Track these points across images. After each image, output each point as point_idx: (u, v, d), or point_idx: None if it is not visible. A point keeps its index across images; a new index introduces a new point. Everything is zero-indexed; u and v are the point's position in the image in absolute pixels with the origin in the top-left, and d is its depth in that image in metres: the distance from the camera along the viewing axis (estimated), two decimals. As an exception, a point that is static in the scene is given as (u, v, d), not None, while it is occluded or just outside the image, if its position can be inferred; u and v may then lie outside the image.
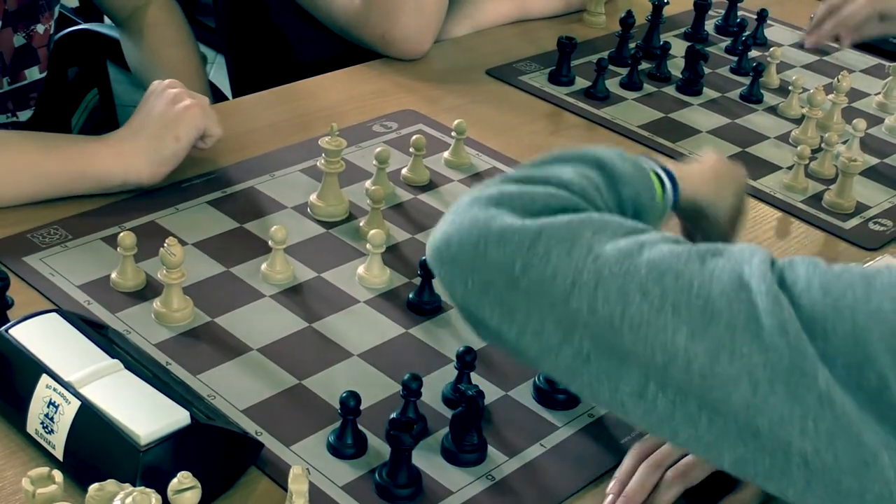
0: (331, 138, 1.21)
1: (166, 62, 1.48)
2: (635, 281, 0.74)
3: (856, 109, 1.62)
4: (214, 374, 1.00)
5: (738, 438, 0.71)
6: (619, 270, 0.75)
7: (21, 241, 1.14)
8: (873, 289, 0.71)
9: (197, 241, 1.17)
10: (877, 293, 0.70)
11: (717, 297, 0.72)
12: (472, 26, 1.76)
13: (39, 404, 0.87)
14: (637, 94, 1.60)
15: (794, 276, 0.73)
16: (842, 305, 0.70)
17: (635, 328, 0.73)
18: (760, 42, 1.81)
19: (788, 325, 0.70)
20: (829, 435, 0.69)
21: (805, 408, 0.69)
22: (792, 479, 0.71)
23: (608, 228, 0.78)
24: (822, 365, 0.69)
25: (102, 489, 0.73)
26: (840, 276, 0.73)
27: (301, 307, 1.09)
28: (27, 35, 1.42)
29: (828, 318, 0.70)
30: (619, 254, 0.76)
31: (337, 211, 1.23)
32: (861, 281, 0.72)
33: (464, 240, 0.80)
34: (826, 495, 0.70)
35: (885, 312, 0.69)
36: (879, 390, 0.68)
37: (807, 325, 0.70)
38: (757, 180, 1.41)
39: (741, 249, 0.76)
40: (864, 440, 0.68)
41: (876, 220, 1.36)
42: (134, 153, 1.20)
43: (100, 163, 1.19)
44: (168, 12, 1.53)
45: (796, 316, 0.71)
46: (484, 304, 0.79)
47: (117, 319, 1.05)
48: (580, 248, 0.77)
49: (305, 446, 0.93)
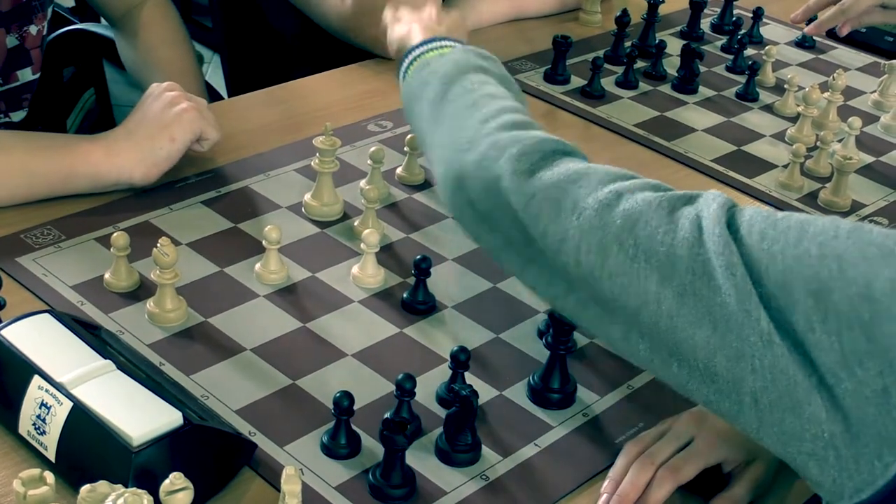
0: (325, 138, 1.21)
1: (161, 61, 1.48)
2: (612, 233, 0.80)
3: (851, 107, 1.62)
4: (208, 374, 0.99)
5: (702, 381, 0.76)
6: (598, 223, 0.81)
7: (14, 241, 1.13)
8: (805, 234, 0.73)
9: (191, 241, 1.16)
10: (807, 238, 0.73)
11: (679, 242, 0.77)
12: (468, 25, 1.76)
13: (31, 405, 0.86)
14: (633, 93, 1.60)
15: (740, 221, 0.77)
16: (775, 250, 0.74)
17: (614, 277, 0.79)
18: (756, 40, 1.80)
19: (735, 267, 0.74)
20: (771, 374, 0.72)
21: (752, 347, 0.73)
22: (748, 418, 0.75)
23: (594, 176, 0.84)
24: (762, 307, 0.72)
25: (94, 490, 0.73)
26: (778, 222, 0.76)
27: (295, 307, 1.09)
28: (20, 36, 1.42)
29: (761, 262, 0.74)
30: (598, 206, 0.81)
31: (331, 211, 1.23)
32: (796, 227, 0.75)
33: (476, 180, 0.90)
34: (774, 434, 0.74)
35: (811, 257, 0.72)
36: (804, 333, 0.71)
37: (749, 269, 0.74)
38: (752, 178, 1.41)
39: (708, 196, 0.80)
40: (798, 381, 0.71)
41: (871, 218, 1.36)
42: (127, 153, 1.20)
43: (92, 162, 1.19)
44: (163, 11, 1.53)
45: (741, 260, 0.74)
46: (489, 230, 0.90)
47: (110, 320, 1.04)
48: (564, 205, 0.83)
49: (299, 447, 0.93)
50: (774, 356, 0.72)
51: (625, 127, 1.51)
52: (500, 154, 0.89)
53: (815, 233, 0.73)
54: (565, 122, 1.52)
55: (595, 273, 0.80)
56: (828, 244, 0.72)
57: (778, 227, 0.75)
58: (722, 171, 1.42)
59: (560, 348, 1.00)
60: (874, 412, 0.68)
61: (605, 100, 1.57)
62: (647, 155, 1.45)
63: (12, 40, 1.42)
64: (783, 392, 0.72)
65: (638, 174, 0.86)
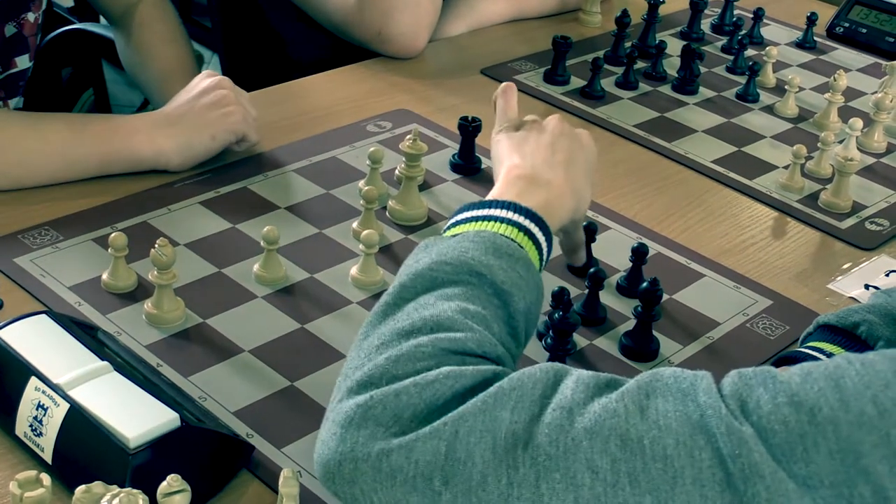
0: (412, 143, 1.22)
1: (159, 60, 1.48)
2: (579, 459, 0.66)
3: (852, 108, 1.62)
4: (205, 375, 0.99)
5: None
6: (557, 452, 0.66)
7: (12, 241, 1.13)
8: (846, 392, 0.65)
9: (189, 242, 1.16)
10: (853, 397, 0.65)
11: (674, 452, 0.65)
12: (468, 26, 1.76)
13: (28, 407, 0.86)
14: (632, 94, 1.60)
15: (756, 398, 0.66)
16: (820, 419, 0.64)
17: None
18: (756, 41, 1.80)
19: (762, 466, 0.64)
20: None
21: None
22: None
23: (525, 397, 0.69)
24: (808, 496, 0.63)
25: (89, 491, 0.72)
26: (804, 385, 0.66)
27: (293, 308, 1.09)
28: (18, 24, 1.42)
29: (807, 436, 0.64)
30: (550, 432, 0.67)
31: (417, 215, 1.24)
32: (829, 386, 0.65)
33: (359, 461, 0.70)
34: None
35: (870, 418, 0.64)
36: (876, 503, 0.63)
37: (784, 451, 0.64)
38: (753, 180, 1.41)
39: (675, 380, 0.69)
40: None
41: (872, 219, 1.35)
42: (167, 140, 1.24)
43: (134, 145, 1.23)
44: (161, 10, 1.52)
45: (767, 449, 0.64)
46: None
47: (108, 321, 1.04)
48: (504, 439, 0.67)
49: (297, 449, 0.92)
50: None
51: (625, 128, 1.50)
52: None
53: (859, 387, 0.65)
54: (565, 123, 1.51)
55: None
56: (882, 398, 0.64)
57: (808, 391, 0.65)
58: (722, 172, 1.42)
59: (560, 350, 1.00)
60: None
61: (605, 100, 1.57)
62: (647, 156, 1.45)
63: (11, 28, 1.42)
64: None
65: (562, 367, 0.73)
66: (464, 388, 0.71)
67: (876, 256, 1.28)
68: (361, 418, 0.71)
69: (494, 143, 1.07)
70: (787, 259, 1.26)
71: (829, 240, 1.31)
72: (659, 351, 1.07)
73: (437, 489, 0.67)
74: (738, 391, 0.67)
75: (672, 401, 0.67)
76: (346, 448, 0.70)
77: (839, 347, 0.95)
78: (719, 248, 1.26)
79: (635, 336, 1.07)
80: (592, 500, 0.65)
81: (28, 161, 1.19)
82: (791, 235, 1.31)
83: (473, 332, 0.77)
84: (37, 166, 1.20)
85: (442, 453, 0.68)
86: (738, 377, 0.69)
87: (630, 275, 1.16)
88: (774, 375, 0.68)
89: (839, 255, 1.28)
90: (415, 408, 0.70)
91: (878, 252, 1.29)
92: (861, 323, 0.95)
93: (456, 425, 0.68)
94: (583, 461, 0.66)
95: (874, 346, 0.94)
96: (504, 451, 0.67)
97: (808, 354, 0.95)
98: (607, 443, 0.66)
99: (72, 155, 1.21)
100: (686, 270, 1.21)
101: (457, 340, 0.75)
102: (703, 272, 1.21)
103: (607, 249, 1.21)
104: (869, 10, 1.86)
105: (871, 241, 1.31)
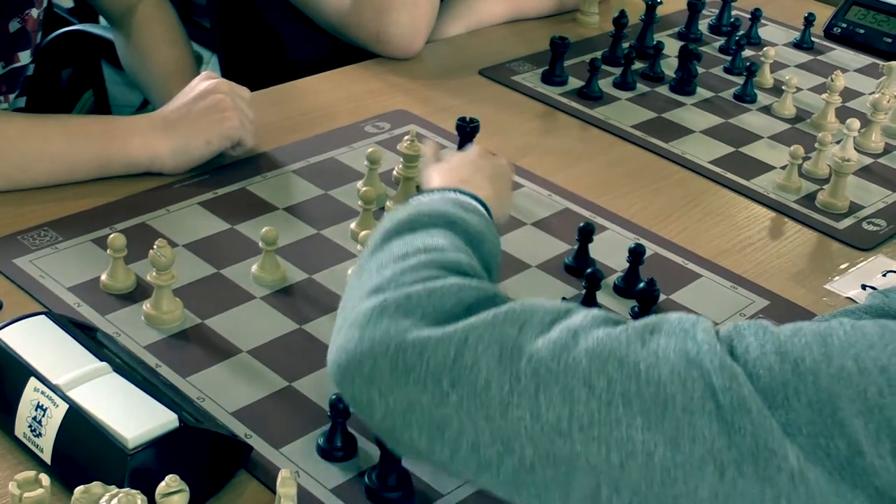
0: (410, 143, 1.23)
1: (158, 61, 1.48)
2: (577, 376, 0.69)
3: (850, 109, 1.62)
4: (204, 376, 0.99)
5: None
6: (557, 367, 0.70)
7: (11, 242, 1.13)
8: (831, 348, 0.67)
9: (187, 243, 1.16)
10: (837, 353, 0.67)
11: (667, 379, 0.68)
12: (466, 26, 1.76)
13: (27, 407, 0.86)
14: (630, 94, 1.60)
15: (745, 344, 0.69)
16: (802, 370, 0.67)
17: (586, 428, 0.68)
18: (754, 41, 1.80)
19: (749, 401, 0.66)
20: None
21: (777, 488, 0.65)
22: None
23: (534, 318, 0.73)
24: (788, 439, 0.65)
25: (88, 491, 0.72)
26: (792, 337, 0.69)
27: (292, 309, 1.09)
28: (22, 19, 1.43)
29: (788, 384, 0.67)
30: (553, 348, 0.71)
31: None
32: (816, 340, 0.68)
33: (378, 357, 0.73)
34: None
35: (850, 373, 0.66)
36: (850, 457, 0.65)
37: (767, 396, 0.67)
38: (750, 180, 1.41)
39: (679, 321, 0.72)
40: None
41: (869, 219, 1.35)
42: (163, 143, 1.24)
43: (130, 148, 1.23)
44: (160, 11, 1.53)
45: (754, 389, 0.67)
46: (410, 424, 0.72)
47: (107, 322, 1.04)
48: (510, 350, 0.71)
49: (295, 449, 0.93)
50: (809, 491, 0.65)
51: (622, 128, 1.51)
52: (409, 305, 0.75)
53: (844, 345, 0.67)
54: (563, 124, 1.52)
55: (561, 425, 0.68)
56: (865, 357, 0.66)
57: (795, 343, 0.68)
58: (720, 172, 1.42)
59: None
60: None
61: (603, 101, 1.57)
62: (645, 156, 1.45)
63: (15, 24, 1.42)
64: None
65: (575, 304, 0.78)
66: (470, 298, 0.76)
67: (873, 257, 1.28)
68: (378, 316, 0.75)
69: (426, 178, 1.06)
70: (784, 259, 1.26)
71: (826, 240, 1.31)
72: (656, 351, 1.08)
73: (445, 390, 0.71)
74: (731, 336, 0.71)
75: (673, 338, 0.70)
76: (364, 346, 0.74)
77: None
78: (716, 249, 1.26)
79: (632, 336, 1.08)
80: (587, 414, 0.68)
81: (27, 163, 1.20)
82: (788, 236, 1.31)
83: (466, 257, 0.82)
84: (36, 168, 1.20)
85: (451, 357, 0.71)
86: (733, 327, 0.72)
87: (627, 275, 1.16)
88: (766, 326, 0.71)
89: (836, 256, 1.28)
90: (423, 309, 0.75)
91: (875, 252, 1.29)
92: None
93: (466, 332, 0.72)
94: (581, 378, 0.69)
95: None
96: (509, 361, 0.71)
97: None
98: (605, 364, 0.69)
99: (70, 157, 1.21)
100: (683, 271, 1.21)
101: (453, 261, 0.80)
102: (700, 272, 1.21)
103: (604, 250, 1.21)
104: (866, 11, 1.86)
105: (868, 242, 1.31)
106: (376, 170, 1.26)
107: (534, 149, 1.43)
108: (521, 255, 1.20)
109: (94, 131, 1.24)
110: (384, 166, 1.29)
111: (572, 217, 1.28)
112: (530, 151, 1.42)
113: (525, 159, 1.40)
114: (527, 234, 1.25)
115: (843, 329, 0.69)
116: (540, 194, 1.33)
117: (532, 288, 1.15)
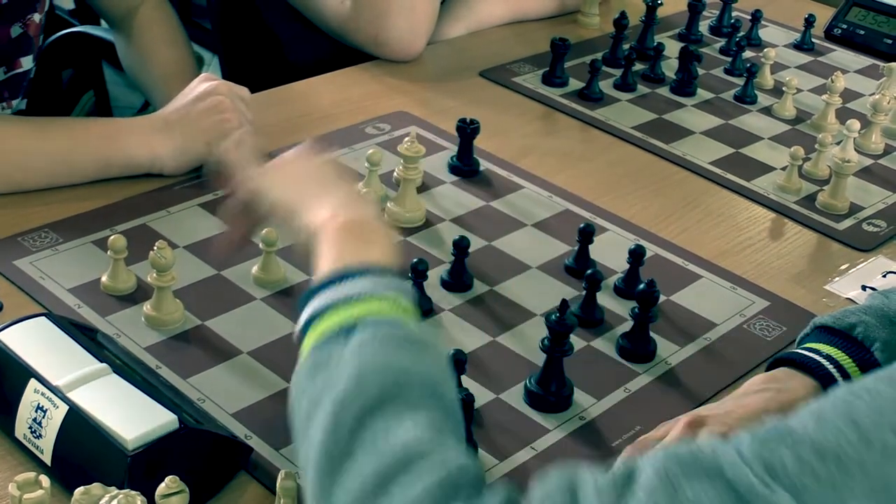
0: (409, 144, 1.22)
1: (159, 62, 1.48)
2: None
3: (850, 110, 1.62)
4: (204, 377, 0.99)
5: None
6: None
7: (11, 244, 1.13)
8: (863, 427, 0.62)
9: (188, 244, 1.16)
10: (871, 432, 0.62)
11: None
12: (466, 28, 1.76)
13: (27, 409, 0.86)
14: (631, 96, 1.60)
15: (780, 459, 0.63)
16: (847, 463, 0.62)
17: None
18: (754, 43, 1.80)
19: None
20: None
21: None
22: None
23: None
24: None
25: (88, 492, 0.73)
26: (821, 430, 0.63)
27: (292, 310, 1.09)
28: (24, 24, 1.43)
29: (838, 485, 0.61)
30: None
31: (414, 217, 1.24)
32: (846, 425, 0.63)
33: None
34: None
35: (894, 448, 0.62)
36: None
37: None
38: (750, 181, 1.41)
39: (694, 456, 0.64)
40: None
41: (869, 220, 1.35)
42: (162, 144, 1.25)
43: (130, 149, 1.24)
44: (161, 12, 1.53)
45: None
46: None
47: (107, 323, 1.04)
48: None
49: (295, 450, 0.93)
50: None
51: (623, 129, 1.51)
52: None
53: (874, 418, 0.62)
54: (563, 125, 1.52)
55: None
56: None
57: (826, 436, 0.62)
58: (720, 173, 1.42)
59: (557, 351, 1.00)
60: None
61: (603, 102, 1.57)
62: (645, 157, 1.45)
63: (17, 29, 1.42)
64: None
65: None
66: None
67: (873, 258, 1.28)
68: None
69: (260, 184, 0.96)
70: (784, 260, 1.26)
71: (826, 241, 1.31)
72: (656, 352, 1.08)
73: None
74: (761, 454, 0.64)
75: (699, 483, 0.63)
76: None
77: (835, 349, 0.95)
78: (717, 250, 1.26)
79: (632, 337, 1.08)
80: None
81: (28, 164, 1.20)
82: (788, 237, 1.31)
83: (445, 450, 0.70)
84: (36, 170, 1.20)
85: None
86: (753, 440, 0.65)
87: (627, 276, 1.16)
88: (789, 427, 0.65)
89: (836, 257, 1.28)
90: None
91: (875, 253, 1.29)
92: (857, 324, 0.95)
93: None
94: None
95: (870, 347, 0.94)
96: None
97: (804, 356, 0.95)
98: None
99: (70, 158, 1.21)
100: (683, 272, 1.21)
101: (437, 468, 0.69)
102: (700, 273, 1.21)
103: (604, 251, 1.21)
104: (867, 12, 1.86)
105: (868, 243, 1.31)
106: (376, 171, 1.26)
107: (534, 150, 1.44)
108: (522, 257, 1.21)
109: (95, 133, 1.24)
110: (384, 168, 1.29)
111: (572, 218, 1.28)
112: (530, 153, 1.43)
113: (525, 160, 1.40)
114: (527, 235, 1.25)
115: (864, 401, 0.64)
116: (540, 195, 1.33)
117: (532, 289, 1.15)
